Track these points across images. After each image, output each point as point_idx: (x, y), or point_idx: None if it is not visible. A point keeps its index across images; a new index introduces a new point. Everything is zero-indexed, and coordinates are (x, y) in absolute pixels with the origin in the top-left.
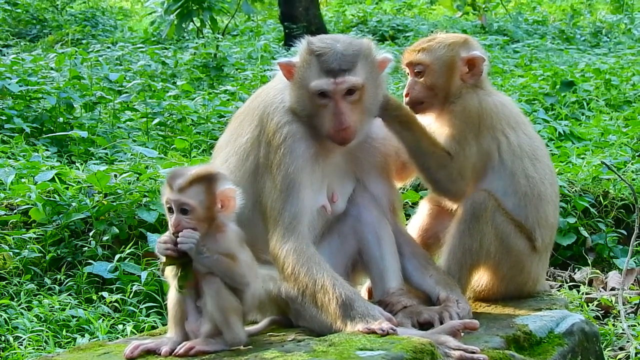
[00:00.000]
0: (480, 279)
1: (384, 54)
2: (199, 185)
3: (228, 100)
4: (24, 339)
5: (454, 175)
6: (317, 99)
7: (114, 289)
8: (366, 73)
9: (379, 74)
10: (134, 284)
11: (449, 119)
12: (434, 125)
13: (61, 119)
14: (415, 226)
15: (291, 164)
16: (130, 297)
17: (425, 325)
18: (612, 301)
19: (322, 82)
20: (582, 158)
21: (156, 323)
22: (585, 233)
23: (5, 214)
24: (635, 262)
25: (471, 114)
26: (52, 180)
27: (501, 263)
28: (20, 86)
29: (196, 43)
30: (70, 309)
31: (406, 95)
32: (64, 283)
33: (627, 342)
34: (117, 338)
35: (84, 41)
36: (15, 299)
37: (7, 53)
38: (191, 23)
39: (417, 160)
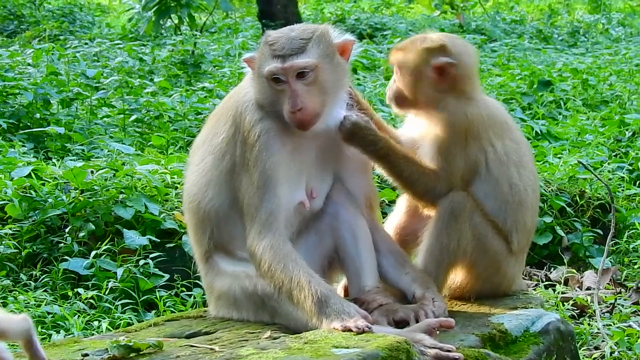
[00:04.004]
0: (457, 277)
1: (344, 36)
2: None
3: (205, 97)
4: None
5: (443, 191)
6: (273, 85)
7: (90, 285)
8: (320, 55)
9: (337, 56)
10: (109, 281)
11: (436, 129)
12: (422, 124)
13: (38, 115)
14: (392, 224)
15: (267, 160)
16: (106, 293)
17: (401, 324)
18: (587, 300)
19: (272, 67)
20: (559, 157)
21: (132, 320)
22: (561, 232)
23: None
24: (610, 261)
25: (457, 126)
26: (29, 176)
27: (477, 262)
28: None
29: (174, 40)
30: (45, 305)
31: (388, 90)
32: (40, 279)
33: (602, 341)
34: (93, 334)
35: (61, 37)
36: None
37: None
38: (169, 20)
39: (403, 186)
